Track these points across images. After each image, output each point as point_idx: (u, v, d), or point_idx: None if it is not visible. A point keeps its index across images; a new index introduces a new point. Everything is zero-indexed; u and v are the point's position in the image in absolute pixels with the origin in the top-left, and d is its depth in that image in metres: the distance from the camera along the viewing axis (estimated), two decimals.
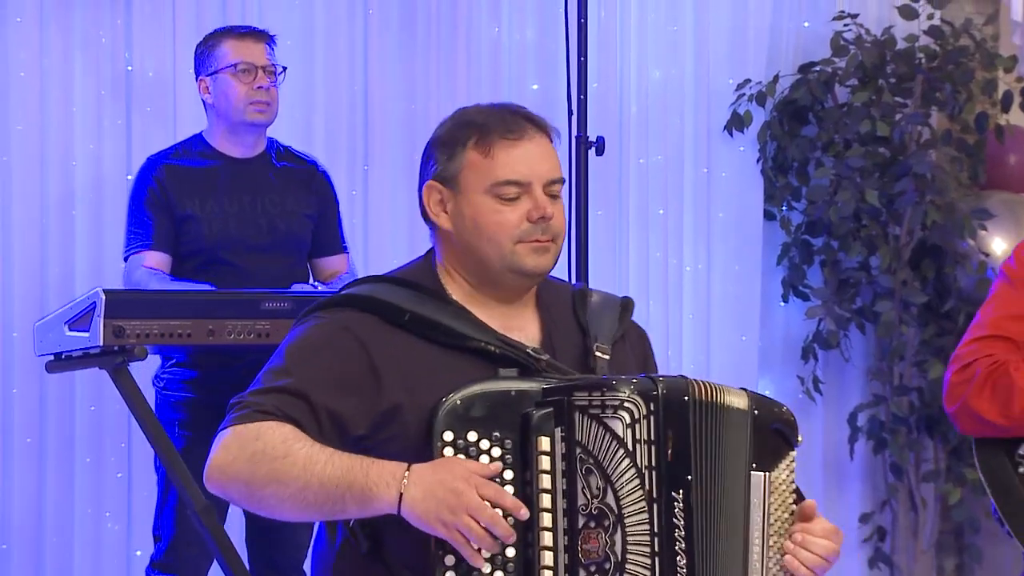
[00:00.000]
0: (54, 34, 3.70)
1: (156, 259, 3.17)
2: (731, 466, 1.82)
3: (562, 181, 1.92)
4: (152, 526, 3.24)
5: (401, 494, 1.73)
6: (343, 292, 1.93)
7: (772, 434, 1.87)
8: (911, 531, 4.46)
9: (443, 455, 1.75)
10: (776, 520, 1.86)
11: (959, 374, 2.47)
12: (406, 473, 1.73)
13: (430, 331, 1.86)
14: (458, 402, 1.77)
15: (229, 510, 3.20)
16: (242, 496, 1.81)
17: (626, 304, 2.03)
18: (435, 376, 1.82)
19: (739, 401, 1.85)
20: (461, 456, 1.76)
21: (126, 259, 3.23)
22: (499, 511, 1.73)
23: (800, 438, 1.89)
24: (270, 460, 1.76)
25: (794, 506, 1.89)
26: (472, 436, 1.76)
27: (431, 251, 1.97)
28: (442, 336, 1.86)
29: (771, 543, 1.85)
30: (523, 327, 1.93)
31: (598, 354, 1.92)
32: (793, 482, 1.89)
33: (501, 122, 1.90)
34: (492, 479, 1.75)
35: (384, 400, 1.83)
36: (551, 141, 1.93)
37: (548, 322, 1.95)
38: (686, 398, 1.80)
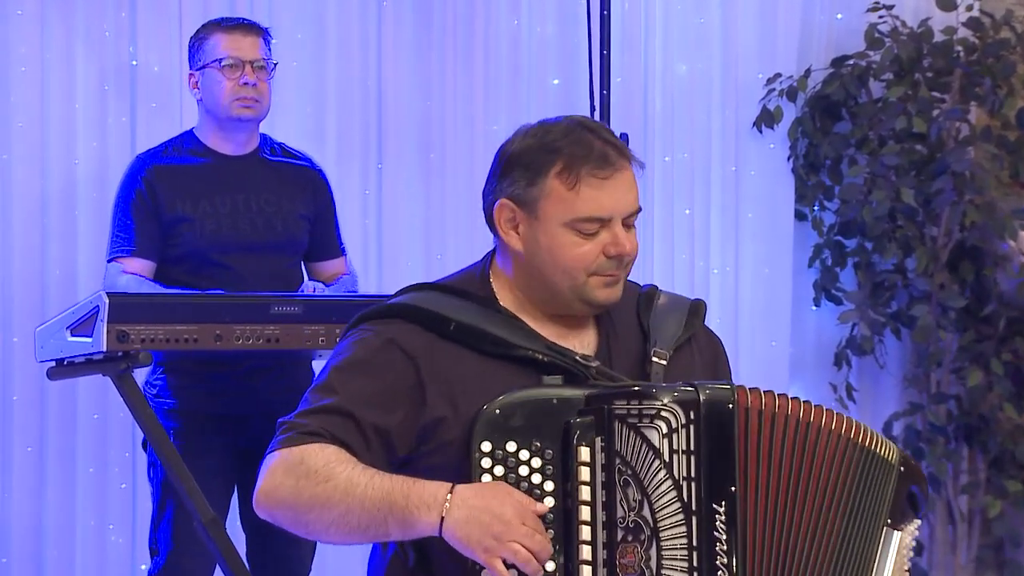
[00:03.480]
0: (56, 27, 3.66)
1: (137, 265, 3.11)
2: (861, 512, 1.80)
3: (640, 210, 1.90)
4: (148, 538, 3.17)
5: (443, 518, 1.72)
6: (389, 302, 1.92)
7: (908, 496, 1.87)
8: (949, 546, 4.39)
9: (481, 466, 1.75)
10: None
11: None
12: (448, 496, 1.72)
13: (476, 340, 1.85)
14: (497, 411, 1.76)
15: (226, 524, 3.11)
16: (289, 521, 1.81)
17: (695, 307, 1.99)
18: (480, 386, 1.81)
19: (893, 454, 1.84)
20: (500, 467, 1.74)
21: (108, 262, 3.17)
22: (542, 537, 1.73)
23: (920, 522, 1.90)
24: (313, 485, 1.76)
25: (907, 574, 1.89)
26: (511, 446, 1.75)
27: (484, 259, 1.96)
28: (488, 345, 1.85)
29: None
30: (578, 334, 1.91)
31: (654, 359, 1.90)
32: (912, 550, 1.89)
33: (588, 153, 1.84)
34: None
35: (428, 413, 1.82)
36: (633, 170, 1.90)
37: (607, 327, 1.93)
38: (731, 406, 1.75)
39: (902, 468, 1.83)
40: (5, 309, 3.59)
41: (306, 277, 3.27)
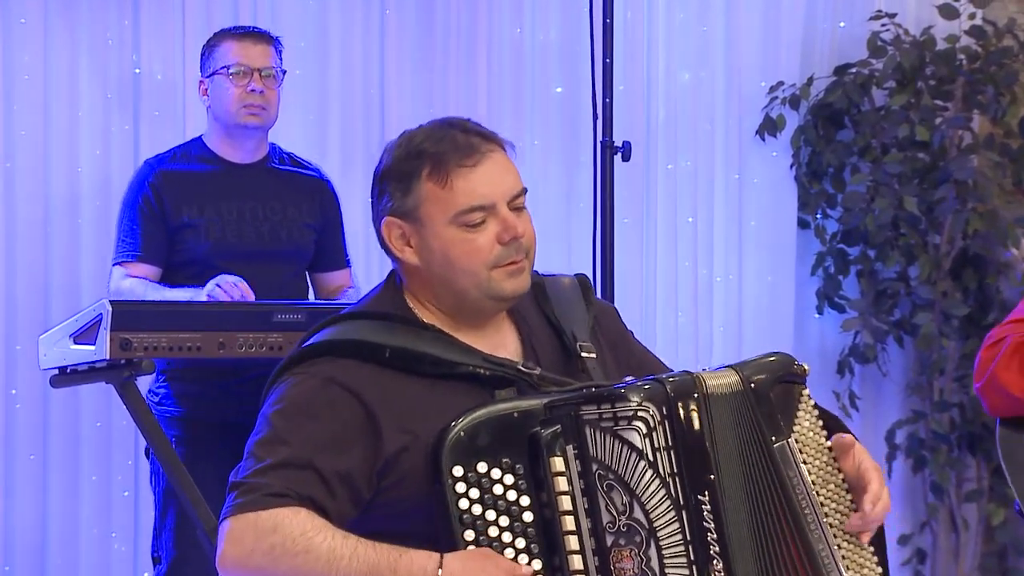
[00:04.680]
0: (59, 36, 3.65)
1: (142, 271, 3.12)
2: (752, 451, 1.78)
3: (524, 191, 1.86)
4: (151, 547, 3.16)
5: None
6: (313, 340, 1.83)
7: (778, 391, 1.82)
8: (952, 554, 4.37)
9: (455, 492, 1.70)
10: (816, 470, 1.83)
11: (989, 350, 2.48)
12: (439, 569, 1.68)
13: (415, 363, 1.80)
14: (461, 434, 1.71)
15: None
16: None
17: (584, 284, 1.97)
18: (431, 410, 1.76)
19: (733, 382, 1.79)
20: (475, 491, 1.70)
21: (113, 266, 3.17)
22: None
23: (806, 367, 1.86)
24: (291, 556, 1.69)
25: (826, 432, 1.84)
26: (482, 467, 1.71)
27: (392, 275, 1.91)
28: (429, 367, 1.80)
29: (821, 493, 1.81)
30: (503, 342, 1.88)
31: (584, 355, 1.88)
32: (816, 417, 1.85)
33: (453, 146, 1.82)
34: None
35: (387, 446, 1.77)
36: (506, 152, 1.86)
37: (524, 330, 1.90)
38: (696, 395, 1.75)
39: (752, 384, 1.78)
40: (9, 317, 3.58)
41: (310, 287, 3.27)
